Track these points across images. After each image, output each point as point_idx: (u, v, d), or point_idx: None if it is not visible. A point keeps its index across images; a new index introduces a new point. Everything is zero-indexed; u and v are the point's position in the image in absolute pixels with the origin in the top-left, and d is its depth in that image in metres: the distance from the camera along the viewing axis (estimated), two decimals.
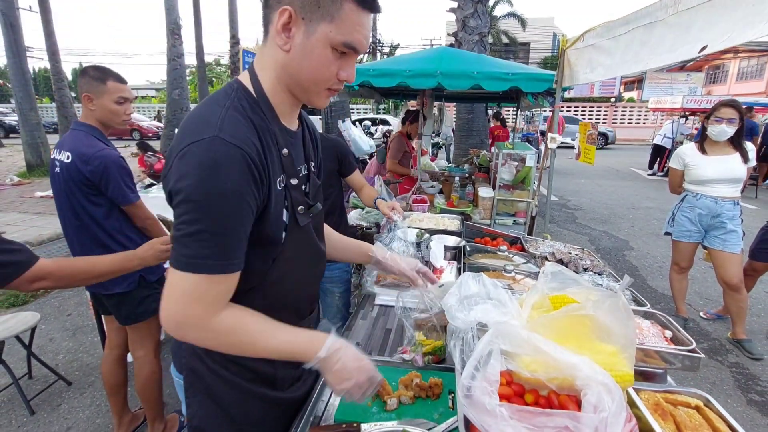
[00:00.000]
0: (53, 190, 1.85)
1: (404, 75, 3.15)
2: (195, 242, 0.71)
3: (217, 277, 0.74)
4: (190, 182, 0.70)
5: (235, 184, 0.71)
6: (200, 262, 0.72)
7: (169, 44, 10.70)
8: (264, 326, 0.83)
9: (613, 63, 2.21)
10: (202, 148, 0.71)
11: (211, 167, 0.70)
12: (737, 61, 24.36)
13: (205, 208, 0.70)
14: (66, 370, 2.77)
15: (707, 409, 1.08)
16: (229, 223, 0.72)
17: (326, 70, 0.80)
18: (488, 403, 0.69)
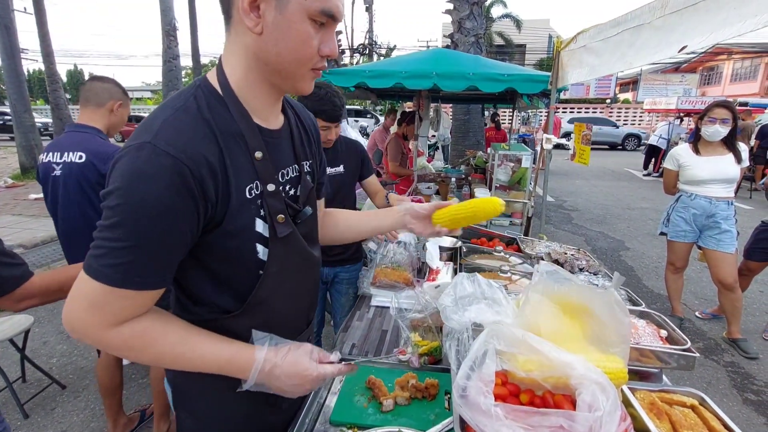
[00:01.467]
0: (50, 193, 1.81)
1: (400, 76, 3.16)
2: (106, 249, 0.65)
3: (120, 290, 0.66)
4: (113, 189, 0.64)
5: (160, 199, 0.64)
6: (105, 270, 0.65)
7: (164, 45, 10.68)
8: (179, 338, 0.74)
9: (600, 63, 2.26)
10: (131, 155, 0.65)
11: (134, 177, 0.63)
12: (731, 63, 24.58)
13: (123, 219, 0.63)
14: (60, 374, 2.75)
15: (702, 408, 1.08)
16: (147, 239, 0.65)
17: (308, 46, 0.70)
18: (483, 403, 0.68)
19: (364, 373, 1.20)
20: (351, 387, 1.17)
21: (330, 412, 1.09)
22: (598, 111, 23.04)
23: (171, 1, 10.84)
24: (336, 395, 1.15)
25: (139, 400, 2.50)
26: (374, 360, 1.31)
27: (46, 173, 1.80)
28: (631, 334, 0.76)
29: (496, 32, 25.08)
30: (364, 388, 1.16)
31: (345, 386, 1.17)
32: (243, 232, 0.76)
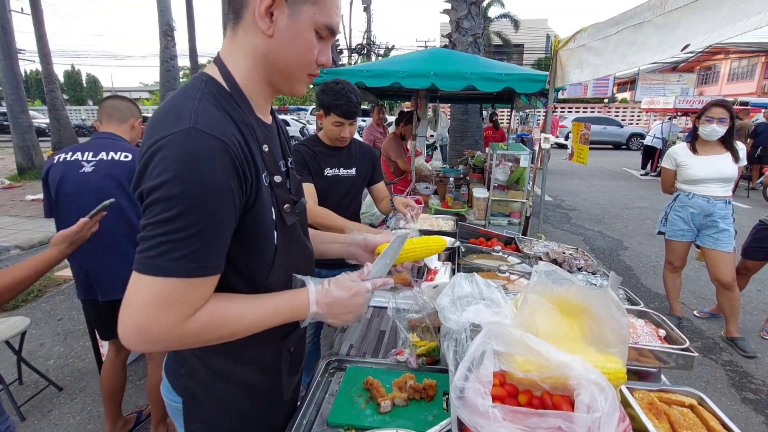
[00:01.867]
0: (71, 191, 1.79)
1: (398, 75, 3.16)
2: (170, 243, 0.63)
3: (194, 280, 0.66)
4: (166, 178, 0.62)
5: (216, 179, 0.65)
6: (175, 264, 0.64)
7: (162, 46, 10.64)
8: (243, 307, 0.76)
9: (602, 62, 2.24)
10: (177, 141, 0.64)
11: (189, 161, 0.63)
12: (728, 62, 24.65)
13: (183, 205, 0.63)
14: (57, 376, 2.74)
15: (701, 407, 1.08)
16: (212, 222, 0.66)
17: (311, 53, 0.77)
18: (481, 405, 0.68)
19: (361, 375, 1.19)
20: (348, 388, 1.16)
21: (327, 414, 1.08)
22: (596, 111, 23.08)
23: (168, 2, 10.81)
24: (333, 396, 1.14)
25: (136, 402, 2.49)
26: (372, 361, 1.30)
27: (68, 170, 1.80)
28: (629, 334, 0.76)
29: (494, 32, 25.11)
30: (361, 389, 1.15)
31: (342, 387, 1.17)
32: (266, 217, 0.79)
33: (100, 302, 1.88)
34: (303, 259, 0.96)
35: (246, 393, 0.89)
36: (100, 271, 1.84)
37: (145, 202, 0.65)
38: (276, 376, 0.94)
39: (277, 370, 0.93)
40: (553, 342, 0.82)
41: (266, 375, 0.92)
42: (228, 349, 0.81)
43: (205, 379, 0.86)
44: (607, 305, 0.78)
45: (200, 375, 0.86)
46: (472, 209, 3.46)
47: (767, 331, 3.22)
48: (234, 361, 0.86)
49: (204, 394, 0.87)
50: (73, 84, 42.72)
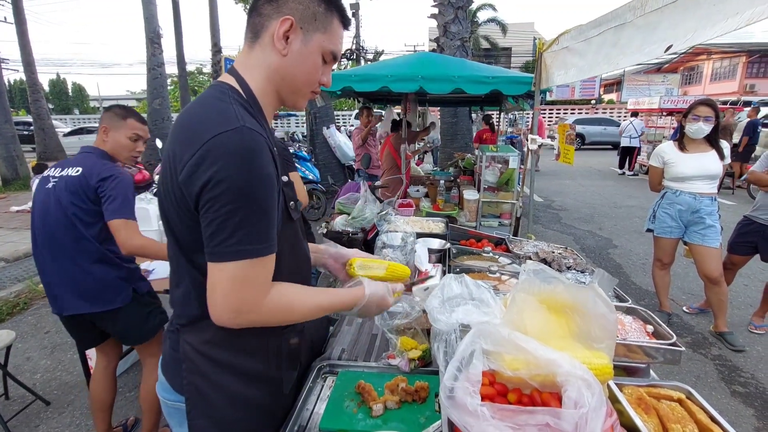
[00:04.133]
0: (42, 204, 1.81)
1: (386, 80, 3.17)
2: (241, 229, 0.73)
3: (264, 259, 0.77)
4: (230, 171, 0.71)
5: (269, 169, 0.76)
6: (249, 248, 0.74)
7: (148, 53, 10.57)
8: (305, 290, 0.90)
9: (586, 64, 2.26)
10: (234, 138, 0.73)
11: (248, 154, 0.73)
12: (711, 63, 25.21)
13: (249, 194, 0.72)
14: (44, 390, 2.68)
15: (690, 401, 1.09)
16: (269, 206, 0.76)
17: (316, 73, 0.90)
18: (470, 404, 0.68)
19: (353, 379, 1.19)
20: (340, 392, 1.15)
21: (319, 419, 1.07)
22: (584, 112, 23.39)
23: (155, 9, 10.75)
24: (325, 401, 1.13)
25: (126, 413, 2.45)
26: (364, 365, 1.30)
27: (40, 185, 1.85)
28: (616, 330, 0.76)
29: (482, 36, 25.38)
30: (353, 393, 1.14)
31: (334, 392, 1.16)
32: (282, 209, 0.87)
33: (64, 316, 1.84)
34: (301, 257, 1.03)
35: (248, 382, 0.92)
36: (62, 285, 1.79)
37: (208, 195, 0.72)
38: (276, 367, 0.97)
39: (277, 361, 0.96)
40: (542, 339, 0.82)
41: (267, 365, 0.94)
42: (229, 340, 0.87)
43: (208, 371, 0.88)
44: (593, 301, 0.79)
45: (202, 368, 0.88)
46: (463, 211, 3.47)
47: (755, 325, 3.27)
48: (236, 352, 0.90)
49: (207, 386, 0.89)
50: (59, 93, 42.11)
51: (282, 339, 0.97)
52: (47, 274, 1.82)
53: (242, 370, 0.91)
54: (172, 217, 0.82)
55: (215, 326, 0.85)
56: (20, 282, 4.40)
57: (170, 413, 0.95)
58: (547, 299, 1.00)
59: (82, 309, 1.79)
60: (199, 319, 0.87)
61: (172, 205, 0.80)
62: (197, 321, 0.88)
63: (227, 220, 0.72)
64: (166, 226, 0.87)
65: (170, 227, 0.85)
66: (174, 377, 0.93)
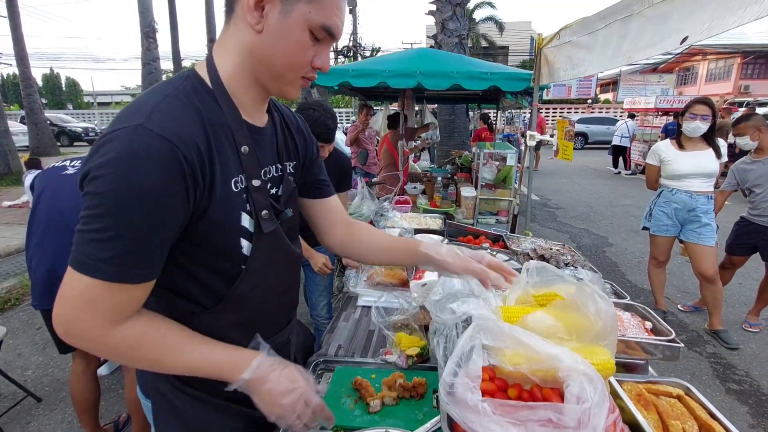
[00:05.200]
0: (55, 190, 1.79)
1: (384, 75, 3.15)
2: (96, 242, 0.61)
3: (116, 285, 0.63)
4: (101, 173, 0.60)
5: (154, 183, 0.61)
6: (97, 265, 0.61)
7: (143, 48, 10.47)
8: (177, 339, 0.72)
9: (594, 59, 2.21)
10: (122, 137, 0.61)
11: (127, 160, 0.60)
12: (706, 63, 25.33)
13: (113, 206, 0.60)
14: (35, 386, 2.64)
15: (688, 398, 1.09)
16: (141, 227, 0.62)
17: (303, 55, 0.72)
18: (470, 400, 0.66)
19: (350, 375, 1.17)
20: (337, 389, 1.14)
21: None
22: (580, 111, 23.47)
23: (150, 3, 10.64)
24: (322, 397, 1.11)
25: (119, 411, 2.42)
26: (361, 361, 1.28)
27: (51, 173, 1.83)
28: (617, 326, 0.75)
29: (479, 34, 25.37)
30: (350, 389, 1.13)
31: (331, 388, 1.14)
32: (228, 223, 0.75)
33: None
34: (286, 267, 0.92)
35: (214, 393, 0.83)
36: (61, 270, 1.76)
37: (83, 191, 0.63)
38: None
39: None
40: (543, 335, 0.81)
41: None
42: None
43: (173, 377, 0.81)
44: (593, 298, 0.77)
45: (169, 375, 0.81)
46: (460, 208, 3.47)
47: (749, 323, 3.29)
48: None
49: (171, 392, 0.82)
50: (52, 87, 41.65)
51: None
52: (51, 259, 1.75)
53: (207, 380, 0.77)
54: None
55: None
56: (12, 277, 4.34)
57: (148, 415, 0.90)
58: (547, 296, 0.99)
59: None
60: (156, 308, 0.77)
61: None
62: None
63: (85, 225, 0.61)
64: None
65: None
66: (144, 381, 0.87)
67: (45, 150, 12.44)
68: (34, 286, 1.81)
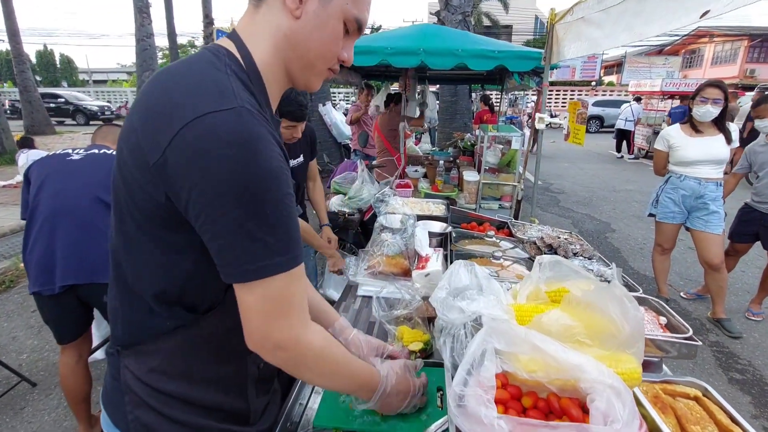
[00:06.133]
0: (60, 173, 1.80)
1: (385, 53, 3.00)
2: (257, 241, 0.58)
3: (296, 271, 0.62)
4: (229, 165, 0.54)
5: (279, 159, 0.60)
6: (275, 261, 0.59)
7: (137, 23, 10.15)
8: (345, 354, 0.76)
9: (603, 35, 2.09)
10: (230, 120, 0.55)
11: (250, 142, 0.56)
12: (713, 46, 24.79)
13: (257, 196, 0.56)
14: (30, 371, 2.61)
15: (706, 399, 1.03)
16: (287, 204, 0.60)
17: (335, 45, 0.71)
18: (485, 416, 0.60)
19: None
20: None
21: (313, 415, 1.00)
22: (584, 93, 23.08)
23: None
24: (320, 395, 1.06)
25: None
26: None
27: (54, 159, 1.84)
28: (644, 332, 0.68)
29: (483, 13, 24.70)
30: None
31: None
32: None
33: (57, 290, 1.72)
34: None
35: (208, 415, 0.76)
36: (69, 253, 1.71)
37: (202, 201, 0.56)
38: (240, 396, 0.80)
39: (240, 388, 0.79)
40: (560, 339, 0.74)
41: (227, 394, 0.78)
42: (181, 368, 0.73)
43: (157, 404, 0.72)
44: (619, 300, 0.70)
45: (150, 401, 0.72)
46: (463, 193, 3.38)
47: (752, 311, 3.25)
48: (189, 382, 0.74)
49: (157, 422, 0.72)
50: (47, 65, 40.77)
51: (247, 362, 0.79)
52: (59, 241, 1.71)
53: (199, 402, 0.74)
54: (126, 200, 0.64)
55: (164, 351, 0.71)
56: (6, 259, 4.28)
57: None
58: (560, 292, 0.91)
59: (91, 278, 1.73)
60: (143, 341, 0.71)
61: (131, 188, 0.63)
62: (139, 343, 0.72)
63: (234, 233, 0.57)
64: (117, 209, 0.67)
65: (122, 212, 0.66)
66: (116, 412, 0.75)
67: (40, 129, 12.23)
68: (36, 268, 1.75)
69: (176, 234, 0.63)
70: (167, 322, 0.70)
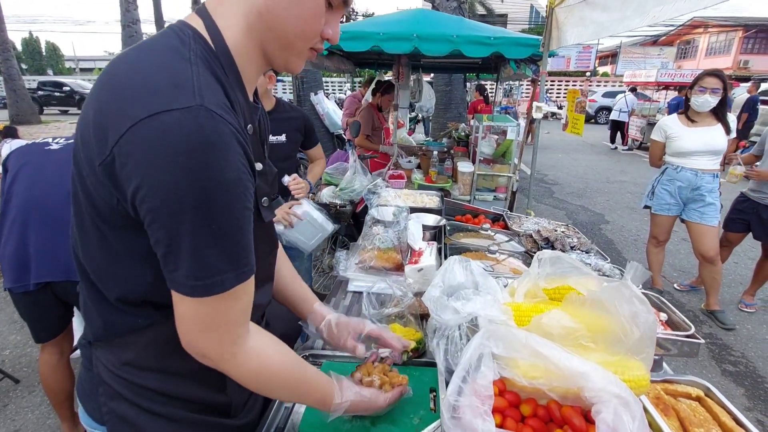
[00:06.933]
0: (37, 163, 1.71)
1: (378, 38, 2.90)
2: (198, 259, 0.54)
3: (238, 288, 0.59)
4: (175, 175, 0.49)
5: (235, 173, 0.54)
6: (210, 282, 0.55)
7: (122, 9, 9.86)
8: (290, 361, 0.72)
9: (610, 19, 2.00)
10: (184, 122, 0.50)
11: (204, 150, 0.50)
12: (707, 36, 24.78)
13: (206, 208, 0.52)
14: (13, 367, 2.53)
15: (709, 399, 0.99)
16: (236, 221, 0.56)
17: (317, 22, 0.64)
18: (481, 430, 0.54)
19: (339, 371, 1.06)
20: None
21: (299, 419, 0.94)
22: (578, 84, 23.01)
23: None
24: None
25: None
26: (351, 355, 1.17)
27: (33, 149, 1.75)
28: (655, 335, 0.63)
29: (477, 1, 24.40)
30: None
31: None
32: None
33: (31, 287, 1.65)
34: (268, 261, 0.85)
35: (186, 407, 0.73)
36: (43, 250, 1.64)
37: (146, 206, 0.52)
38: (219, 390, 0.77)
39: (220, 382, 0.75)
40: (562, 343, 0.69)
41: (207, 388, 0.75)
42: (153, 362, 0.69)
43: (132, 397, 0.69)
44: (628, 301, 0.65)
45: (125, 393, 0.69)
46: (457, 184, 3.32)
47: (745, 303, 3.26)
48: (165, 375, 0.70)
49: (133, 413, 0.70)
50: (32, 52, 39.82)
51: None
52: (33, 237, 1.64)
53: (177, 395, 0.71)
54: (83, 198, 0.60)
55: (137, 345, 0.68)
56: None
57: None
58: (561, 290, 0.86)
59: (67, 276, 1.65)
60: (116, 333, 0.68)
61: (85, 184, 0.59)
62: (112, 336, 0.68)
63: (177, 245, 0.53)
64: (75, 205, 0.64)
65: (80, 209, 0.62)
66: (90, 402, 0.74)
67: (25, 118, 11.94)
68: (11, 263, 1.68)
69: (136, 239, 0.58)
70: (138, 320, 0.67)
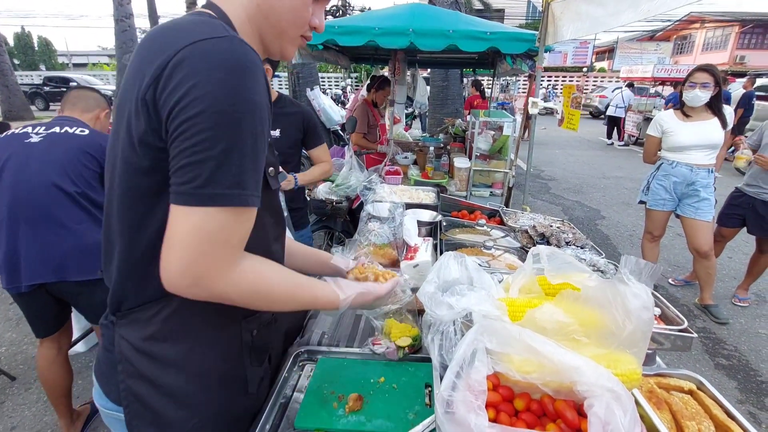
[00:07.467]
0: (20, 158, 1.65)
1: (373, 33, 2.88)
2: (220, 166, 0.56)
3: (243, 211, 0.60)
4: (213, 86, 0.54)
5: (264, 98, 0.60)
6: (228, 192, 0.57)
7: (116, 3, 9.74)
8: (281, 270, 0.73)
9: (606, 13, 2.01)
10: (221, 45, 0.57)
11: (239, 69, 0.57)
12: (704, 32, 24.80)
13: (235, 121, 0.56)
14: (9, 364, 2.53)
15: (701, 392, 1.00)
16: (258, 144, 0.59)
17: (306, 11, 0.73)
18: (475, 424, 0.55)
19: (334, 366, 1.07)
20: (319, 384, 1.03)
21: (295, 415, 0.95)
22: (575, 80, 23.00)
23: None
24: (302, 393, 1.01)
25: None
26: (347, 351, 1.17)
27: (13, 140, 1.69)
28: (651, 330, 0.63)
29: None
30: (335, 382, 1.02)
31: (312, 383, 1.03)
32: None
33: (23, 289, 1.63)
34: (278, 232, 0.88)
35: (203, 382, 0.75)
36: (33, 251, 1.60)
37: (181, 117, 0.55)
38: (236, 364, 0.81)
39: (237, 356, 0.80)
40: (555, 337, 0.69)
41: (224, 361, 0.78)
42: (178, 333, 0.71)
43: (150, 373, 0.71)
44: (622, 296, 0.65)
45: (143, 370, 0.71)
46: (453, 180, 3.32)
47: (739, 297, 3.29)
48: (185, 347, 0.73)
49: (150, 392, 0.71)
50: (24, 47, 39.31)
51: (242, 329, 0.80)
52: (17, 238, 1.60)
53: (194, 369, 0.74)
54: (120, 161, 0.64)
55: (162, 318, 0.70)
56: None
57: (111, 423, 0.79)
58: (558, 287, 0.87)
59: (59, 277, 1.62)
60: (141, 308, 0.71)
61: (125, 140, 0.62)
62: (138, 310, 0.71)
63: (203, 152, 0.55)
64: (110, 177, 0.68)
65: (115, 177, 0.66)
66: (108, 383, 0.75)
67: (18, 113, 11.83)
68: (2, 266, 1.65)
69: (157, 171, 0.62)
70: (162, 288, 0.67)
